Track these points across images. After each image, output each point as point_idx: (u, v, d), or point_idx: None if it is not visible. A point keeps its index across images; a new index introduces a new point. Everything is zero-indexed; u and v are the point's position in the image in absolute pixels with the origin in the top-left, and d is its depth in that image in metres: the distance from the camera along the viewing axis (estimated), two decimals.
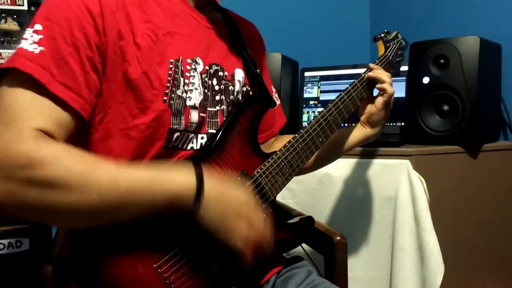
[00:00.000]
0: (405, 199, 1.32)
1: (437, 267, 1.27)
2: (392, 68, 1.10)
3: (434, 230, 1.28)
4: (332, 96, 1.00)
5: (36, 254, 1.19)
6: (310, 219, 0.96)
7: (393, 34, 1.14)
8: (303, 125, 1.71)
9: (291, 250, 0.96)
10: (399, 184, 1.34)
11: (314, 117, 0.96)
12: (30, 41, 0.68)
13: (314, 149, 0.94)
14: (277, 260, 0.95)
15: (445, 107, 1.44)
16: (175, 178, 0.69)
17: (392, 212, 1.35)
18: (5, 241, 1.14)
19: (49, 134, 0.65)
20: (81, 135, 0.74)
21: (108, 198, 0.64)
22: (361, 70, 1.05)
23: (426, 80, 1.45)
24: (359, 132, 1.06)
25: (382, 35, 1.11)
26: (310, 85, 1.80)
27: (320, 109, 1.79)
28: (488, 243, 1.46)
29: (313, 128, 0.94)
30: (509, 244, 1.50)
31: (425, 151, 1.37)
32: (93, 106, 0.72)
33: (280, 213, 1.13)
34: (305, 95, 1.80)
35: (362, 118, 1.06)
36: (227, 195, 0.73)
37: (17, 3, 1.61)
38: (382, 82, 1.01)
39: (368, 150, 1.41)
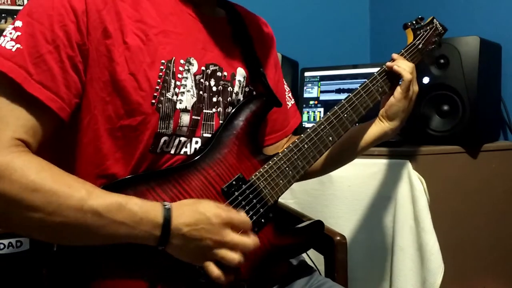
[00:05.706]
0: (405, 199, 1.32)
1: (437, 267, 1.27)
2: (423, 57, 1.00)
3: (434, 230, 1.28)
4: (332, 96, 0.96)
5: (36, 254, 1.19)
6: (319, 224, 0.89)
7: (428, 20, 1.04)
8: (303, 125, 1.73)
9: None
10: (399, 184, 1.34)
11: (324, 114, 0.88)
12: (8, 38, 0.66)
13: (323, 149, 0.87)
14: (280, 267, 0.91)
15: (445, 107, 1.44)
16: (140, 226, 0.66)
17: (392, 212, 1.35)
18: (5, 241, 1.14)
19: (25, 142, 0.65)
20: (66, 140, 0.73)
21: (74, 221, 0.63)
22: (361, 70, 1.01)
23: (426, 80, 1.45)
24: (376, 127, 0.95)
25: (414, 22, 1.01)
26: (310, 85, 1.80)
27: (320, 109, 1.82)
28: (488, 243, 1.46)
29: (322, 126, 0.87)
30: (509, 244, 1.50)
31: (425, 151, 1.38)
32: (73, 106, 0.70)
33: (286, 218, 1.11)
34: (305, 95, 1.80)
35: (381, 111, 0.95)
36: (195, 235, 0.68)
37: (17, 3, 1.61)
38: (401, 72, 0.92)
39: (368, 150, 1.40)
